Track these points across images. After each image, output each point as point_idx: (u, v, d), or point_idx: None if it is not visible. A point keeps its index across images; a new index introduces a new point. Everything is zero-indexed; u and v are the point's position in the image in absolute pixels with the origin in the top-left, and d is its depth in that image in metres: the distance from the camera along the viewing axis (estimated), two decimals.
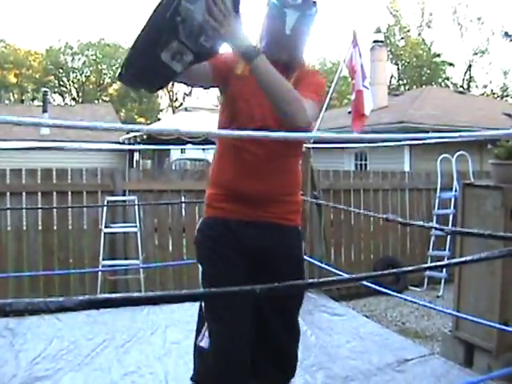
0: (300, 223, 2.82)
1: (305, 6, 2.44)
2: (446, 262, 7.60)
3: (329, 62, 48.80)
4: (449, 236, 8.49)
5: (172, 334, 4.73)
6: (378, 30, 20.99)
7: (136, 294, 1.34)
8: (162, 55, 2.17)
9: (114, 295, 1.47)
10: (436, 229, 5.83)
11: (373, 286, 5.43)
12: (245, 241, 2.56)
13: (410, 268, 2.02)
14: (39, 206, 6.96)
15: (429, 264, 8.91)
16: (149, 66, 2.21)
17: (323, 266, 6.02)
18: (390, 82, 42.42)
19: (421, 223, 5.60)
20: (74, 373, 4.01)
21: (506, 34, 13.49)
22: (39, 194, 6.96)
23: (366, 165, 16.44)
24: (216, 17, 2.16)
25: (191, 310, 5.22)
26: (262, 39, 2.55)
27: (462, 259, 1.80)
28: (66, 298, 1.38)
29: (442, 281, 8.60)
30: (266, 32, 2.53)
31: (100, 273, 6.78)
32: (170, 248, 7.51)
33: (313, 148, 6.17)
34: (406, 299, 5.80)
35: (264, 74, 2.28)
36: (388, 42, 40.49)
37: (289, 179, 2.68)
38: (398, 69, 46.38)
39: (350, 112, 7.88)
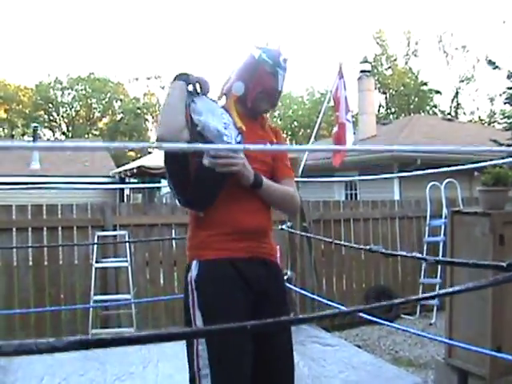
0: None
1: (286, 68, 2.82)
2: (435, 292, 7.61)
3: (317, 92, 49.11)
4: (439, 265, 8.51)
5: (164, 369, 4.72)
6: (365, 60, 21.24)
7: (127, 334, 1.35)
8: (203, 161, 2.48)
9: (104, 336, 1.48)
10: (420, 259, 5.85)
11: (366, 316, 5.44)
12: (250, 278, 2.59)
13: (402, 300, 2.04)
14: (30, 241, 6.96)
15: (420, 295, 8.90)
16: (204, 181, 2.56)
17: (315, 297, 6.02)
18: (379, 111, 42.75)
19: (404, 253, 5.62)
20: None
21: (490, 61, 13.64)
22: (29, 229, 6.96)
23: (356, 194, 16.48)
24: (226, 162, 2.47)
25: (184, 344, 5.24)
26: (247, 88, 2.75)
27: (450, 290, 1.82)
28: (55, 339, 1.39)
29: (435, 308, 8.59)
30: (256, 83, 2.75)
31: (91, 308, 6.75)
32: (162, 282, 7.50)
33: (300, 181, 6.20)
34: (398, 328, 5.81)
35: (269, 191, 2.67)
36: (375, 71, 40.88)
37: (269, 215, 2.80)
38: (386, 98, 46.74)
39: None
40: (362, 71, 19.64)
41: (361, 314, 5.50)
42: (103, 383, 4.45)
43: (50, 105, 51.27)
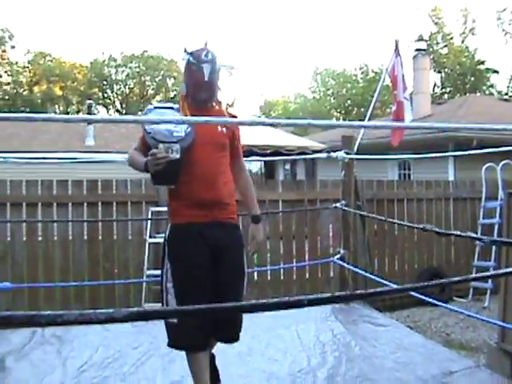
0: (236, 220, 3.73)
1: (214, 61, 3.56)
2: (491, 272, 7.50)
3: (371, 71, 48.47)
4: (494, 246, 8.36)
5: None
6: (421, 38, 20.83)
7: (183, 307, 1.36)
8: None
9: (161, 308, 1.49)
10: (475, 239, 5.76)
11: (419, 296, 5.38)
12: (206, 236, 3.46)
13: (457, 278, 2.00)
14: (85, 216, 7.07)
15: (475, 275, 8.81)
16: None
17: (368, 275, 5.98)
18: (433, 90, 41.99)
19: (458, 233, 5.52)
20: (119, 381, 4.07)
21: None
22: (85, 204, 7.08)
23: (409, 174, 16.29)
24: (154, 162, 3.32)
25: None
26: (187, 86, 3.62)
27: (509, 270, 1.79)
28: (114, 309, 1.41)
29: (488, 292, 8.46)
30: (190, 80, 3.59)
31: (144, 283, 6.85)
32: None
33: (356, 159, 6.15)
34: (452, 309, 5.74)
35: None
36: (431, 49, 40.08)
37: (228, 189, 3.62)
38: (441, 77, 45.85)
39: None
40: (417, 50, 19.26)
41: (413, 294, 5.47)
42: (156, 357, 4.51)
43: (105, 82, 51.85)
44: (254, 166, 24.46)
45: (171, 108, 3.66)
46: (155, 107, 3.69)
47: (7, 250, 6.96)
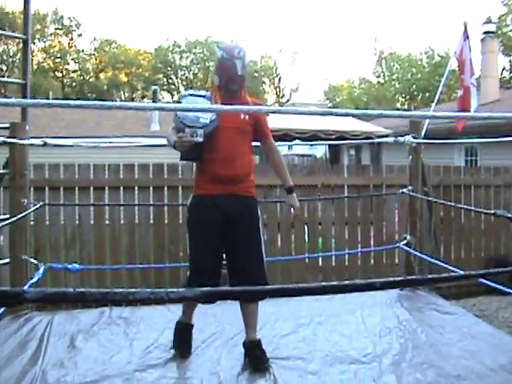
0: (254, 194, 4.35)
1: (244, 57, 4.15)
2: None
3: (437, 55, 47.58)
4: None
5: (281, 328, 4.76)
6: (489, 21, 20.23)
7: (255, 288, 1.36)
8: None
9: (228, 288, 1.49)
10: None
11: (489, 283, 5.27)
12: (221, 206, 4.08)
13: None
14: (151, 200, 7.16)
15: None
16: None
17: (435, 262, 5.88)
18: (502, 74, 40.94)
19: None
20: (184, 363, 4.11)
21: None
22: (151, 188, 7.16)
23: (476, 160, 15.99)
24: (180, 144, 4.00)
25: (300, 303, 5.28)
26: (220, 78, 4.20)
27: None
28: (186, 289, 1.41)
29: None
30: (223, 73, 4.18)
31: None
32: (279, 243, 7.55)
33: (424, 143, 6.05)
34: None
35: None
36: (499, 32, 39.03)
37: (247, 167, 4.21)
38: (510, 61, 44.69)
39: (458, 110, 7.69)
40: (485, 32, 18.79)
41: (481, 282, 5.35)
42: (221, 340, 4.54)
43: (169, 68, 52.40)
44: (318, 151, 24.37)
45: (203, 96, 4.27)
46: (189, 94, 4.34)
47: (75, 233, 7.11)
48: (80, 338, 4.54)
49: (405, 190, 6.00)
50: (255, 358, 4.12)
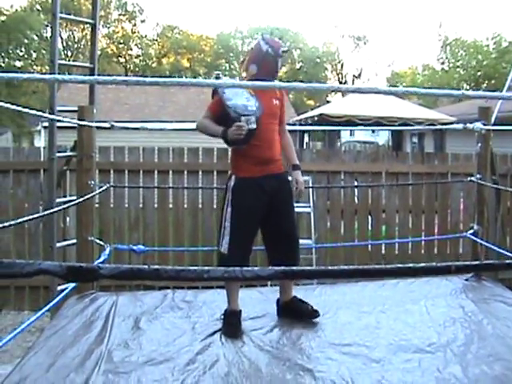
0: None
1: (283, 55, 4.42)
2: None
3: (504, 40, 46.35)
4: None
5: (344, 316, 4.71)
6: None
7: (330, 267, 1.33)
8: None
9: (305, 267, 1.46)
10: None
11: None
12: (265, 186, 4.35)
13: None
14: (215, 183, 7.19)
15: None
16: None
17: (503, 252, 5.74)
18: None
19: None
20: (247, 347, 4.11)
21: None
22: (215, 172, 7.20)
23: None
24: (236, 133, 4.18)
25: (363, 291, 5.22)
26: (258, 68, 4.38)
27: None
28: (260, 268, 1.39)
29: None
30: (263, 66, 4.36)
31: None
32: (342, 230, 7.50)
33: (493, 130, 5.89)
34: None
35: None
36: None
37: (279, 149, 4.52)
38: None
39: None
40: None
41: None
42: (282, 326, 4.53)
43: (231, 54, 52.51)
44: (381, 138, 24.11)
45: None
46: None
47: (139, 216, 7.20)
48: (144, 320, 4.58)
49: (473, 178, 5.86)
50: (301, 309, 4.57)
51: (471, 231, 5.94)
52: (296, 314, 4.55)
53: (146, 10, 58.04)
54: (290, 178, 4.63)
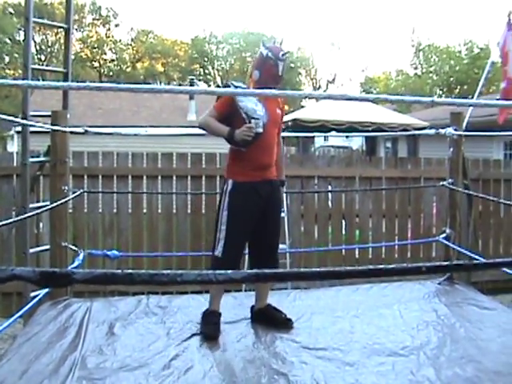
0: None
1: (286, 60, 4.48)
2: None
3: (476, 46, 46.84)
4: None
5: (318, 320, 4.73)
6: None
7: (301, 270, 1.35)
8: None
9: (278, 270, 1.47)
10: None
11: None
12: (261, 191, 4.42)
13: None
14: (189, 188, 7.19)
15: None
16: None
17: (473, 256, 5.81)
18: None
19: None
20: (221, 352, 4.11)
21: None
22: (189, 177, 7.19)
23: None
24: (245, 134, 4.28)
25: (337, 296, 5.25)
26: (260, 74, 4.46)
27: None
28: (233, 271, 1.40)
29: None
30: (265, 71, 4.44)
31: (247, 255, 6.89)
32: (316, 235, 7.53)
33: (465, 135, 5.96)
34: None
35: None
36: None
37: (275, 155, 4.56)
38: None
39: (498, 99, 7.56)
40: None
41: None
42: (258, 329, 4.53)
43: (205, 58, 52.48)
44: (354, 143, 24.23)
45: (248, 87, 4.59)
46: (238, 86, 4.50)
47: (113, 221, 7.17)
48: (118, 326, 4.56)
49: (445, 183, 5.92)
50: (274, 317, 4.61)
51: (443, 235, 6.00)
52: (269, 322, 4.57)
53: (120, 15, 57.69)
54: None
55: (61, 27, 6.65)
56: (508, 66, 7.07)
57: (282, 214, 5.06)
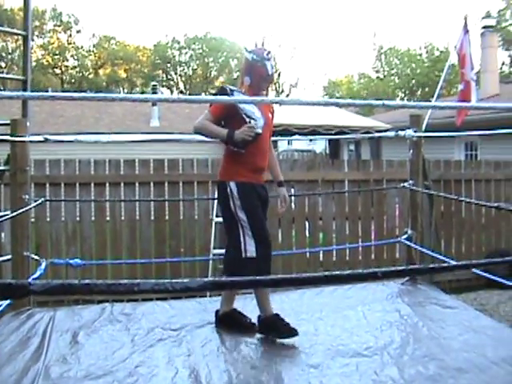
0: None
1: (271, 58, 4.50)
2: None
3: (436, 49, 47.49)
4: None
5: None
6: (489, 15, 20.24)
7: (259, 277, 1.36)
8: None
9: (235, 278, 1.49)
10: None
11: (490, 276, 5.27)
12: (259, 193, 4.52)
13: None
14: (152, 195, 7.17)
15: None
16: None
17: (435, 256, 5.89)
18: (501, 68, 40.85)
19: None
20: (187, 357, 4.11)
21: None
22: (152, 184, 7.17)
23: (476, 155, 15.99)
24: (247, 133, 4.33)
25: (301, 299, 5.28)
26: (251, 78, 4.45)
27: None
28: (189, 279, 1.41)
29: None
30: (254, 74, 4.44)
31: (211, 261, 6.91)
32: (280, 238, 7.56)
33: (424, 137, 6.04)
34: None
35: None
36: (499, 27, 38.89)
37: (267, 158, 4.60)
38: (510, 55, 44.61)
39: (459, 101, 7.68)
40: (484, 27, 18.72)
41: (481, 276, 5.34)
42: (222, 334, 4.54)
43: (168, 64, 52.36)
44: (318, 146, 24.37)
45: (243, 93, 4.51)
46: (234, 90, 4.48)
47: (76, 229, 7.12)
48: (82, 334, 4.53)
49: (406, 184, 6.00)
50: (240, 322, 4.63)
51: (405, 236, 6.07)
52: (234, 326, 4.59)
53: (81, 21, 57.30)
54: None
55: (19, 34, 6.59)
56: (465, 69, 7.20)
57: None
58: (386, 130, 14.72)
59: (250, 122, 4.30)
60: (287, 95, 51.02)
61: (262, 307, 4.51)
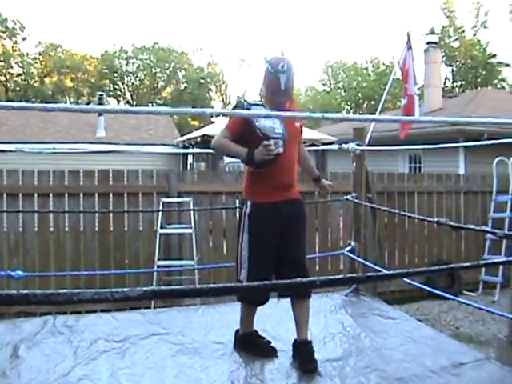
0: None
1: (290, 71, 4.17)
2: (502, 259, 7.48)
3: (382, 63, 48.28)
4: (504, 240, 8.34)
5: (223, 336, 4.76)
6: (432, 32, 20.72)
7: (200, 286, 1.38)
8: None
9: (175, 287, 1.51)
10: (488, 232, 5.74)
11: (429, 289, 5.37)
12: (282, 210, 4.23)
13: (465, 264, 2.01)
14: (96, 206, 7.11)
15: (483, 273, 8.77)
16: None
17: (378, 268, 5.97)
18: (445, 84, 41.71)
19: (472, 227, 5.51)
20: (130, 369, 4.08)
21: None
22: (96, 195, 7.11)
23: (419, 167, 16.27)
24: (267, 152, 4.03)
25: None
26: (266, 89, 4.22)
27: None
28: (129, 289, 1.42)
29: (498, 285, 8.45)
30: (269, 86, 4.20)
31: (155, 273, 6.88)
32: (225, 250, 7.56)
33: (367, 150, 6.14)
34: (462, 302, 5.73)
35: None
36: (442, 43, 39.69)
37: (295, 172, 4.37)
38: (453, 70, 45.56)
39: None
40: (428, 43, 19.13)
41: (423, 288, 5.44)
42: (165, 346, 4.53)
43: (115, 74, 51.93)
44: None
45: (263, 106, 4.27)
46: (252, 104, 4.28)
47: (19, 240, 7.01)
48: (23, 347, 4.46)
49: (349, 197, 6.08)
50: (303, 358, 4.23)
51: (348, 248, 6.15)
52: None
53: (27, 27, 56.38)
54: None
55: None
56: (408, 84, 7.33)
57: (190, 231, 4.85)
58: (331, 143, 14.89)
59: (269, 141, 4.00)
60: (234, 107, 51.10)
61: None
